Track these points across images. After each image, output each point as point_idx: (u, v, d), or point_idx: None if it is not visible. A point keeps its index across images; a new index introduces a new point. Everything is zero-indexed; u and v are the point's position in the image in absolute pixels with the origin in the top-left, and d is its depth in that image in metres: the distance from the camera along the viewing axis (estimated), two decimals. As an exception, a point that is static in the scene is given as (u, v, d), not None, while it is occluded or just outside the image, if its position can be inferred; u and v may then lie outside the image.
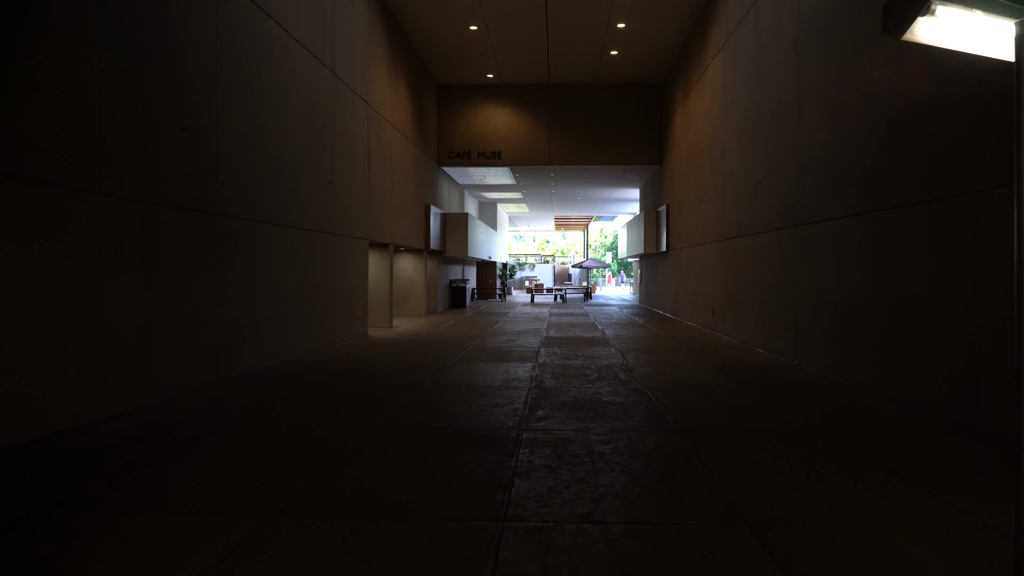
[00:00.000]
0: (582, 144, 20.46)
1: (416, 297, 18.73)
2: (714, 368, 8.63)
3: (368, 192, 13.25)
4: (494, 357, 9.75)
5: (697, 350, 10.57)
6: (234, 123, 7.89)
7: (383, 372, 8.37)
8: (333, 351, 10.46)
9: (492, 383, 7.50)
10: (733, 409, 6.13)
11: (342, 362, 9.22)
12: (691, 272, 15.80)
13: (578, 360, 9.41)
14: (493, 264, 31.32)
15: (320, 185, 10.70)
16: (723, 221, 12.76)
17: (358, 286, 12.65)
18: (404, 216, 16.44)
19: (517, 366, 8.80)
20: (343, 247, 11.73)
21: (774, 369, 8.54)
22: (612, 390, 7.04)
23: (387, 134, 14.82)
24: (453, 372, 8.30)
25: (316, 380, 7.72)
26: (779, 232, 9.57)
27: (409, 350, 10.70)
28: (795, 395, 6.79)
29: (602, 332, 13.67)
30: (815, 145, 8.31)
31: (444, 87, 20.58)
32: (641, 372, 8.29)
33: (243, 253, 8.10)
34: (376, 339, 12.39)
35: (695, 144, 15.43)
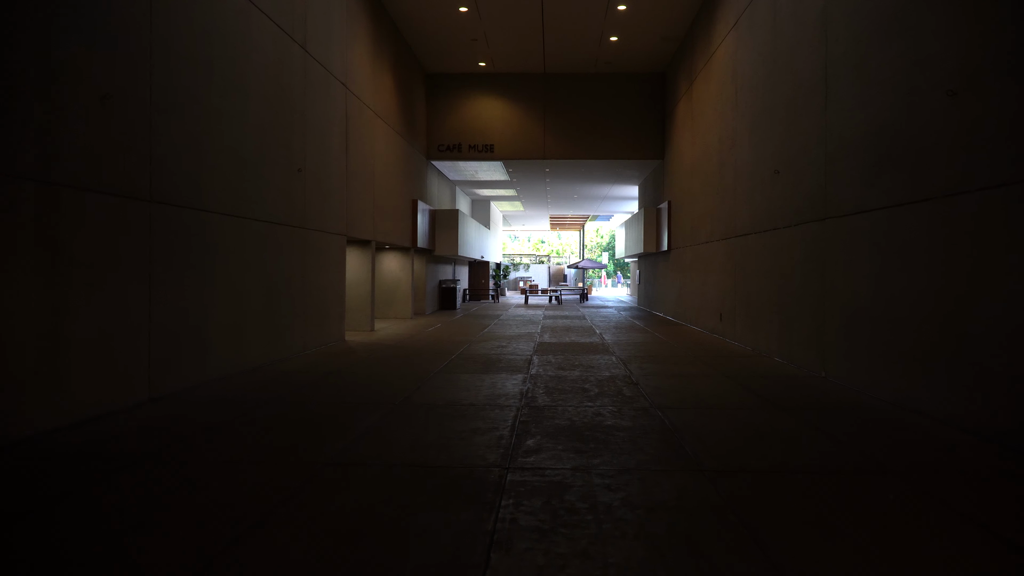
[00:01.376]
0: (579, 137, 19.38)
1: (402, 298, 17.62)
2: (730, 382, 7.55)
3: (346, 184, 12.14)
4: (481, 367, 8.66)
5: (707, 359, 9.49)
6: (175, 97, 6.78)
7: (351, 386, 7.26)
8: (301, 359, 9.35)
9: (476, 400, 6.40)
10: (765, 438, 5.05)
11: (307, 373, 8.11)
12: (696, 272, 14.74)
13: (575, 371, 8.32)
14: (486, 264, 30.22)
15: (288, 174, 9.59)
16: (733, 217, 11.70)
17: (333, 286, 11.54)
18: (389, 212, 15.34)
19: (506, 378, 7.71)
20: (315, 243, 10.62)
21: (799, 383, 7.47)
22: (616, 410, 5.96)
23: (369, 122, 13.71)
24: (432, 386, 7.21)
25: (268, 397, 6.61)
26: (802, 227, 8.51)
27: (387, 358, 9.59)
28: (836, 418, 5.71)
29: (600, 337, 12.59)
30: (848, 128, 7.24)
31: (433, 76, 19.47)
32: (648, 386, 7.21)
33: (188, 248, 6.99)
34: (354, 345, 11.29)
35: (700, 135, 14.37)
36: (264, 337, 8.78)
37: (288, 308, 9.57)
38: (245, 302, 8.27)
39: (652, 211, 19.80)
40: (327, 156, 11.15)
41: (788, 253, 9.01)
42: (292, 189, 9.74)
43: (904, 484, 3.94)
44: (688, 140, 15.70)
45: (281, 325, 9.31)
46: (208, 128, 7.43)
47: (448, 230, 20.17)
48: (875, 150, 6.65)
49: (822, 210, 7.87)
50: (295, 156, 9.84)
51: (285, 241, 9.44)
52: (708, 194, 13.56)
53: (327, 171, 11.16)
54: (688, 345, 11.26)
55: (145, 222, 6.25)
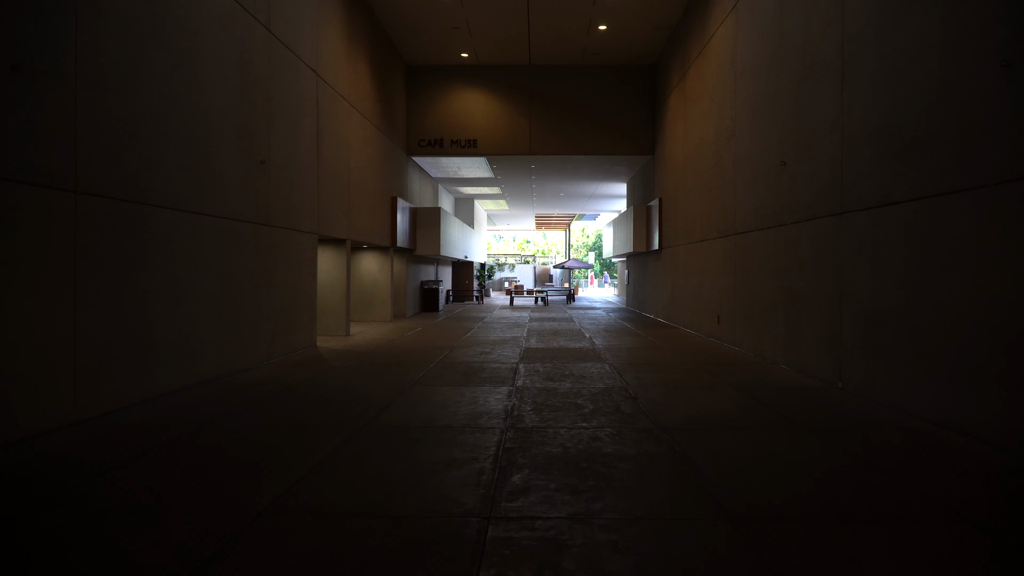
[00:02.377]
0: (566, 132, 18.59)
1: (381, 300, 16.74)
2: (738, 394, 6.78)
3: (318, 179, 11.26)
4: (461, 377, 7.83)
5: (708, 366, 8.72)
6: (110, 71, 5.89)
7: (313, 401, 6.40)
8: (264, 369, 8.47)
9: (453, 421, 5.57)
10: (796, 469, 4.26)
11: (267, 386, 7.24)
12: (690, 273, 13.99)
13: (566, 381, 7.52)
14: (470, 264, 29.39)
15: (250, 166, 8.71)
16: (732, 213, 10.95)
17: (303, 289, 10.66)
18: (366, 209, 14.46)
19: (489, 392, 6.89)
20: (283, 242, 9.74)
21: (815, 396, 6.71)
22: (616, 432, 5.15)
23: (344, 113, 12.83)
24: (405, 402, 6.36)
25: (213, 416, 5.73)
26: (813, 223, 7.76)
27: (359, 367, 8.73)
28: (871, 440, 4.94)
29: (590, 341, 11.80)
30: (872, 111, 6.49)
31: (414, 68, 18.60)
32: (648, 400, 6.41)
33: (128, 246, 6.10)
34: (325, 352, 10.41)
35: (695, 128, 13.62)
36: (222, 345, 7.90)
37: (251, 313, 8.69)
38: (199, 307, 7.38)
39: (642, 209, 19.05)
40: (295, 148, 10.27)
41: (797, 251, 8.27)
42: (255, 183, 8.86)
43: (991, 537, 3.16)
44: (681, 134, 14.95)
45: (242, 332, 8.43)
46: (155, 110, 6.55)
47: (430, 229, 19.30)
48: (905, 134, 5.89)
49: (838, 203, 7.12)
50: (258, 146, 8.96)
51: (247, 239, 8.56)
52: (704, 190, 12.81)
53: (296, 164, 10.28)
54: (685, 351, 10.49)
55: (68, 215, 5.36)
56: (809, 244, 7.89)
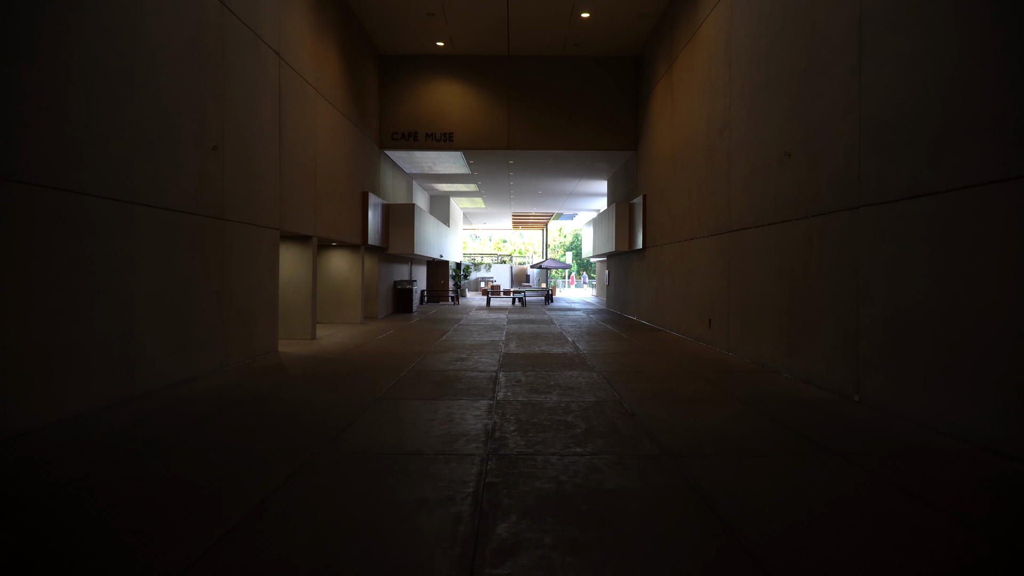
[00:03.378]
0: (547, 126, 17.82)
1: (351, 301, 15.82)
2: (747, 409, 6.05)
3: (279, 169, 10.35)
4: (435, 389, 7.00)
5: (705, 375, 8.00)
6: (20, 34, 4.97)
7: (262, 421, 5.53)
8: (215, 379, 7.56)
9: (425, 445, 4.75)
10: (846, 515, 3.51)
11: (213, 401, 6.34)
12: (677, 273, 13.30)
13: (552, 394, 6.73)
14: (445, 264, 28.52)
15: (201, 153, 7.79)
16: (726, 209, 10.26)
17: (263, 289, 9.75)
18: (334, 204, 13.54)
19: (466, 407, 6.07)
20: (238, 237, 8.82)
21: (834, 411, 6.00)
22: (616, 460, 4.37)
23: (310, 101, 11.92)
24: (370, 420, 5.53)
25: (137, 446, 4.84)
26: (823, 218, 7.07)
27: (323, 375, 7.87)
28: (922, 471, 4.21)
29: (574, 346, 11.03)
30: (899, 91, 5.80)
31: (387, 58, 17.70)
32: (647, 417, 5.65)
33: (37, 240, 5.18)
34: (287, 358, 9.51)
35: (684, 120, 12.93)
36: (166, 353, 6.98)
37: (201, 316, 7.77)
38: (137, 309, 6.47)
39: (624, 207, 18.35)
40: (254, 134, 9.35)
41: (803, 249, 7.58)
42: (207, 172, 7.94)
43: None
44: (667, 127, 14.26)
45: (190, 337, 7.51)
46: (82, 84, 5.63)
47: (403, 226, 18.41)
48: (942, 116, 5.20)
49: (854, 196, 6.42)
50: (210, 131, 8.04)
51: (197, 234, 7.65)
52: (693, 185, 12.12)
53: (254, 153, 9.37)
54: (676, 357, 9.77)
55: (-42, 202, 4.45)
56: (818, 241, 7.20)
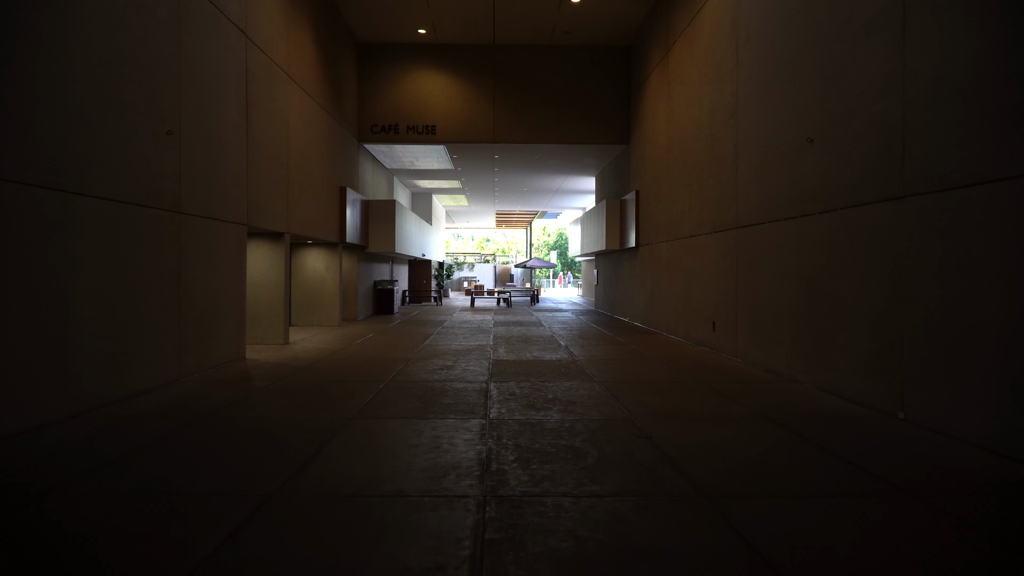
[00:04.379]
0: (533, 119, 16.99)
1: (328, 302, 14.87)
2: (778, 430, 5.26)
3: (247, 160, 9.42)
4: (419, 404, 6.14)
5: (717, 386, 7.22)
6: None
7: (211, 449, 4.63)
8: (167, 392, 6.63)
9: (407, 482, 3.88)
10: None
11: (158, 420, 5.43)
12: (675, 273, 12.54)
13: (552, 410, 5.90)
14: (428, 263, 27.59)
15: (152, 137, 6.87)
16: (732, 204, 9.50)
17: (228, 290, 8.82)
18: (309, 199, 12.61)
19: (455, 428, 5.22)
20: (198, 233, 7.90)
21: (881, 432, 5.23)
22: (643, 503, 3.55)
23: (281, 87, 10.99)
24: (341, 447, 4.66)
25: (47, 483, 3.92)
26: (856, 211, 6.32)
27: (291, 389, 6.97)
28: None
29: (568, 351, 10.22)
30: (953, 61, 5.04)
31: (366, 46, 16.76)
32: (667, 441, 4.84)
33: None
34: (255, 366, 8.59)
35: (683, 110, 12.17)
36: (108, 364, 6.05)
37: (154, 320, 6.84)
38: (73, 313, 5.55)
39: (615, 203, 17.58)
40: (216, 120, 8.42)
41: (828, 246, 6.82)
42: (160, 159, 7.01)
43: None
44: (664, 118, 13.49)
45: (139, 345, 6.58)
46: (5, 52, 4.71)
47: (384, 223, 17.49)
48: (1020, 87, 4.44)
49: (896, 185, 5.66)
50: (163, 114, 7.11)
51: (147, 228, 6.72)
52: (694, 179, 11.35)
53: (218, 140, 8.44)
54: (681, 364, 8.99)
55: None
56: (847, 237, 6.44)
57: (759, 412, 5.86)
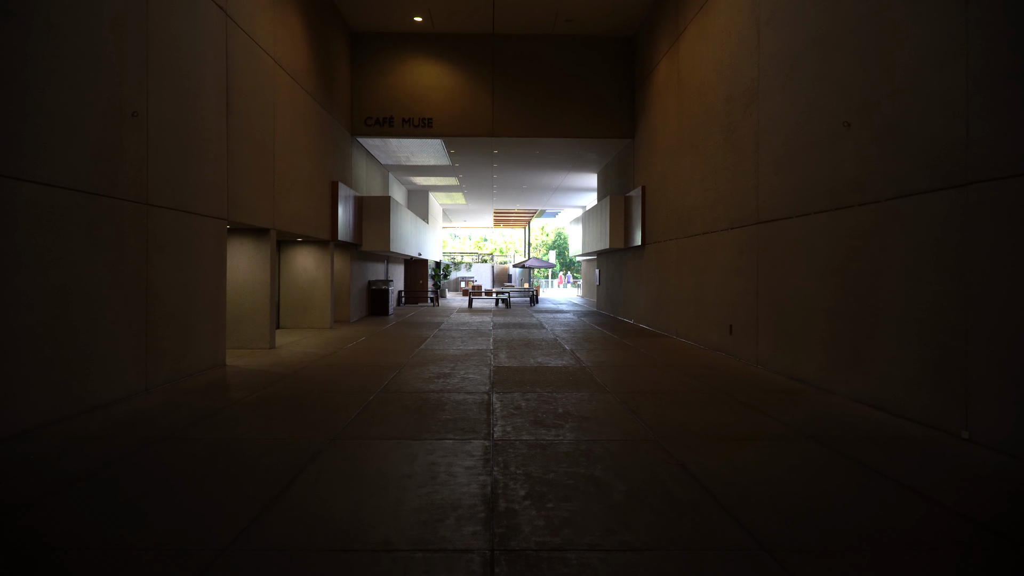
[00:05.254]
0: (534, 112, 16.25)
1: (319, 303, 14.12)
2: (829, 453, 4.54)
3: (227, 149, 8.68)
4: (412, 421, 5.41)
5: (744, 397, 6.50)
6: None
7: (161, 482, 3.89)
8: (130, 407, 5.88)
9: (394, 532, 3.15)
10: None
11: (110, 442, 4.67)
12: (686, 272, 11.82)
13: (564, 428, 5.17)
14: (424, 263, 26.85)
15: (114, 118, 6.12)
16: (753, 197, 8.78)
17: (205, 290, 8.08)
18: (298, 193, 11.86)
19: (454, 451, 4.49)
20: (170, 228, 7.16)
21: (950, 457, 4.51)
22: (693, 562, 2.82)
23: (267, 73, 10.24)
24: (317, 478, 3.92)
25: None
26: (903, 202, 5.60)
27: (270, 401, 6.23)
28: None
29: (574, 356, 9.49)
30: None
31: (360, 35, 16.01)
32: (703, 470, 4.11)
33: None
34: (235, 373, 7.86)
35: (694, 99, 11.45)
36: (62, 373, 5.31)
37: (115, 324, 6.10)
38: (14, 317, 4.81)
39: (619, 200, 16.86)
40: (191, 104, 7.67)
41: (869, 241, 6.10)
42: (122, 143, 6.27)
43: None
44: (674, 109, 12.77)
45: (98, 352, 5.84)
46: None
47: (378, 221, 16.74)
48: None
49: (959, 171, 4.94)
50: (128, 93, 6.37)
51: (107, 221, 5.97)
52: (707, 172, 10.64)
53: (193, 127, 7.70)
54: (697, 371, 8.27)
55: None
56: (894, 231, 5.73)
57: (799, 430, 5.14)
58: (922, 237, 5.38)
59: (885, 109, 5.86)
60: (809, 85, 7.28)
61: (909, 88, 5.54)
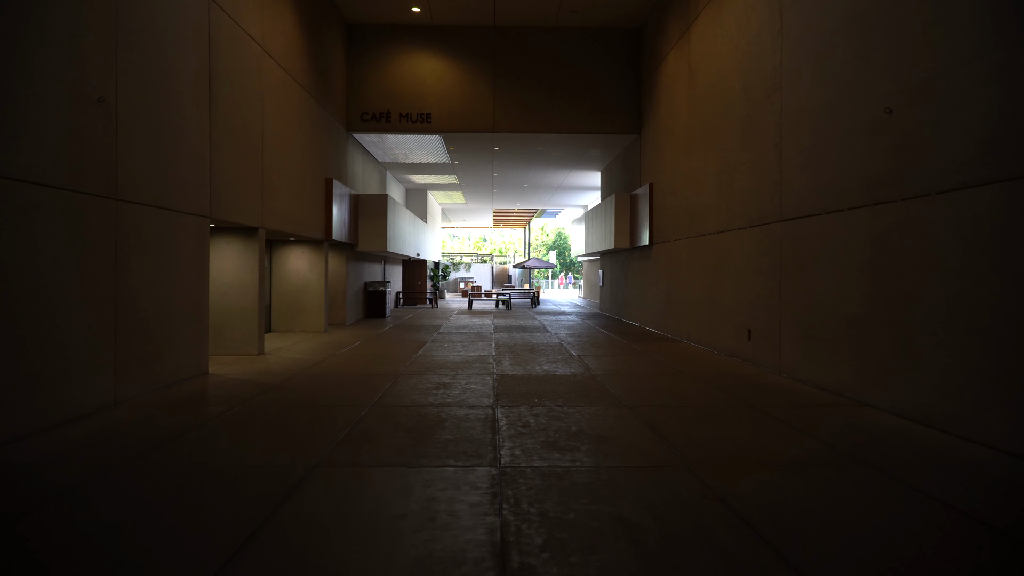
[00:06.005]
0: (536, 107, 15.61)
1: (313, 306, 13.49)
2: (904, 488, 3.92)
3: (209, 141, 8.05)
4: (409, 442, 4.78)
5: (775, 412, 5.88)
6: None
7: (103, 526, 3.25)
8: (91, 425, 5.25)
9: (385, 592, 2.55)
10: None
11: (53, 473, 4.05)
12: (698, 273, 11.21)
13: (581, 451, 4.55)
14: (423, 263, 26.23)
15: (74, 102, 5.50)
16: (775, 193, 8.17)
17: (185, 293, 7.46)
18: (289, 190, 11.23)
19: (457, 484, 3.87)
20: (144, 225, 6.53)
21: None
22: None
23: (255, 61, 9.62)
24: (293, 520, 3.30)
25: None
26: (961, 194, 5.00)
27: (250, 417, 5.60)
28: None
29: (582, 363, 8.87)
30: None
31: (356, 27, 15.39)
32: (748, 505, 3.50)
33: None
34: (216, 384, 7.23)
35: (707, 90, 10.83)
36: (8, 388, 4.69)
37: (76, 331, 5.47)
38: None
39: (625, 198, 16.24)
40: (167, 91, 7.05)
41: (918, 239, 5.49)
42: (87, 131, 5.64)
43: None
44: (684, 102, 12.15)
45: (56, 363, 5.21)
46: None
47: (375, 219, 16.11)
48: None
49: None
50: (93, 75, 5.75)
51: (68, 217, 5.35)
52: (723, 168, 10.02)
53: (170, 116, 7.07)
54: (717, 380, 7.65)
55: None
56: (951, 227, 5.11)
57: (848, 453, 4.53)
58: (979, 234, 4.77)
59: (938, 91, 5.25)
60: (842, 70, 6.66)
61: (966, 67, 4.93)
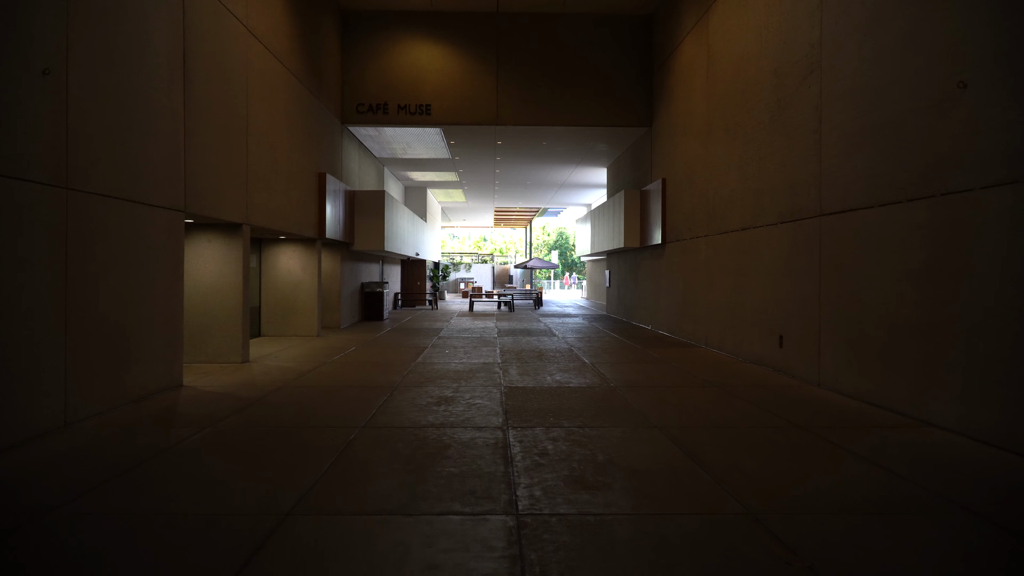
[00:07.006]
0: (541, 98, 14.77)
1: (305, 308, 12.67)
2: (1014, 540, 3.12)
3: (183, 127, 7.24)
4: (405, 478, 3.97)
5: (828, 433, 5.07)
6: None
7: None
8: (31, 452, 4.44)
9: None
10: None
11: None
12: (718, 273, 10.39)
13: (615, 493, 3.74)
14: (422, 263, 25.40)
15: (14, 74, 4.69)
16: (813, 185, 7.36)
17: (155, 296, 6.64)
18: (277, 184, 10.41)
19: (463, 542, 3.05)
20: (104, 219, 5.72)
21: None
22: None
23: (238, 42, 8.79)
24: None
25: None
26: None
27: (219, 443, 4.78)
28: None
29: (597, 372, 8.06)
30: None
31: (351, 13, 14.55)
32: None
33: None
34: (188, 399, 6.41)
35: (731, 75, 10.01)
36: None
37: (21, 342, 4.66)
38: None
39: (635, 194, 15.42)
40: (131, 65, 6.23)
41: (998, 233, 4.68)
42: (27, 110, 4.83)
43: None
44: (701, 91, 11.34)
45: None
46: None
47: (372, 217, 15.29)
48: None
49: None
50: (39, 45, 4.94)
51: (12, 211, 4.55)
52: (749, 158, 9.21)
53: (135, 94, 6.26)
54: (750, 393, 6.84)
55: None
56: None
57: (940, 493, 3.71)
58: (1097, 227, 3.96)
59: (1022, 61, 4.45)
60: (897, 43, 5.85)
61: (1073, 27, 4.12)
